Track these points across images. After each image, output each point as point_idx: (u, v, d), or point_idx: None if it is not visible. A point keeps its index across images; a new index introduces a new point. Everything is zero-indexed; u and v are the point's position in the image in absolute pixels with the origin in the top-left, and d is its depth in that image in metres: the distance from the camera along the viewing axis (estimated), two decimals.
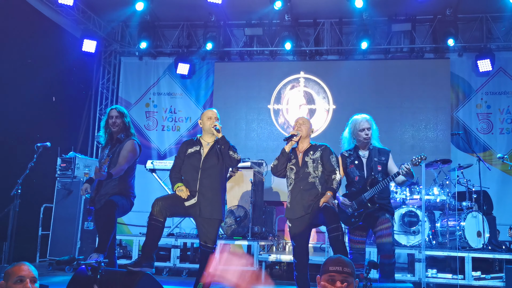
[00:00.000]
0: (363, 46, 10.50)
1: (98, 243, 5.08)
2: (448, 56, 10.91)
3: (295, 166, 5.22)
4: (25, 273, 3.11)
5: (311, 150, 5.26)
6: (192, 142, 5.37)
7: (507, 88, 10.57)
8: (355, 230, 5.28)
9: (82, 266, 3.86)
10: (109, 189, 5.25)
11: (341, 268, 2.58)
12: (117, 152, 5.30)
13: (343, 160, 5.41)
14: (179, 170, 5.26)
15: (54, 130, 9.51)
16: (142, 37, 11.24)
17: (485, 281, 7.19)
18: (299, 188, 5.13)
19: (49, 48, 9.70)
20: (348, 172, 5.36)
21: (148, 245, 4.74)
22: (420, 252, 7.24)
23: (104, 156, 5.33)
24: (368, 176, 5.24)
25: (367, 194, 5.13)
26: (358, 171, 5.30)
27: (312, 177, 5.12)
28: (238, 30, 11.43)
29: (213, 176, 5.12)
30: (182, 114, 11.75)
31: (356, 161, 5.32)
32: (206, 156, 5.20)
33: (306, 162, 5.16)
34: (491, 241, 7.71)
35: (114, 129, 5.41)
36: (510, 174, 9.81)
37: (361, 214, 5.16)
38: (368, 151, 5.39)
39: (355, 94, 10.90)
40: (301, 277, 5.06)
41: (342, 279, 2.55)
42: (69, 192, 8.66)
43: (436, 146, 10.54)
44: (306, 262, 5.08)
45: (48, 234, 8.74)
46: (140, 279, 4.19)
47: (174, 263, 7.99)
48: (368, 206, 5.12)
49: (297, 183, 5.16)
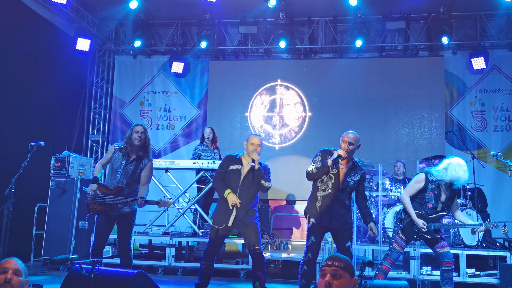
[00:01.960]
0: (357, 44, 10.52)
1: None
2: (442, 54, 10.94)
3: (335, 177, 5.42)
4: (9, 265, 3.14)
5: (353, 171, 5.48)
6: (234, 160, 5.80)
7: (501, 86, 10.61)
8: (404, 237, 5.67)
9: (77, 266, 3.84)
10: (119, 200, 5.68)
11: (332, 262, 2.62)
12: (139, 169, 5.73)
13: (425, 182, 5.63)
14: (222, 179, 5.76)
15: (48, 129, 9.48)
16: (136, 35, 11.22)
17: (480, 278, 7.22)
18: (332, 199, 5.39)
19: (43, 47, 9.65)
20: (425, 196, 5.63)
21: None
22: (415, 250, 7.26)
23: (121, 166, 5.71)
24: (442, 209, 5.64)
25: (437, 225, 5.56)
26: (434, 201, 5.61)
27: (344, 195, 5.44)
28: (233, 29, 11.42)
29: (249, 193, 5.67)
30: (177, 112, 11.74)
31: (436, 191, 5.61)
32: (245, 176, 5.68)
33: (347, 181, 5.42)
34: (486, 238, 7.75)
35: (138, 143, 5.73)
36: (504, 171, 9.82)
37: (423, 237, 5.60)
38: (448, 190, 5.66)
39: (349, 92, 10.90)
40: (310, 271, 5.36)
41: (332, 272, 2.58)
42: (63, 191, 8.61)
43: (430, 144, 10.57)
44: (316, 258, 5.45)
45: (42, 234, 8.70)
46: (134, 278, 4.18)
47: (169, 262, 7.98)
48: (435, 235, 5.57)
49: (333, 194, 5.40)
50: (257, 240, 5.63)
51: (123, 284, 4.13)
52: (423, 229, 5.51)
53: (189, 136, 11.59)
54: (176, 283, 7.26)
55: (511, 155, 10.13)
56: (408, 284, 4.02)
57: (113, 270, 4.34)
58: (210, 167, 8.18)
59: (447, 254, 5.57)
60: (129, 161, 5.71)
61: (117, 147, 5.79)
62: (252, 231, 5.62)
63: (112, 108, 11.93)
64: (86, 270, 3.69)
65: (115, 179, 5.67)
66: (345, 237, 5.38)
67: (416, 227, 5.56)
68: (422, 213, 5.58)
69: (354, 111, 10.84)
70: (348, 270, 2.61)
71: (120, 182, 5.66)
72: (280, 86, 11.31)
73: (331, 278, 2.58)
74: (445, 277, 5.59)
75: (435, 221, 5.56)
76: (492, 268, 7.53)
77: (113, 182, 5.69)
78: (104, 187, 5.70)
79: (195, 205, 8.50)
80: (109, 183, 5.73)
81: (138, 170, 5.72)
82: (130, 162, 5.71)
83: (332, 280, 2.57)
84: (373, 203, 8.40)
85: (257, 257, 5.63)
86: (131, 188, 5.71)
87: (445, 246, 5.59)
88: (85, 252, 8.26)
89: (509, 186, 9.82)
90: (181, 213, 8.48)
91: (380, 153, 10.12)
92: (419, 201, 5.66)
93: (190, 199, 8.60)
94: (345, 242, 5.36)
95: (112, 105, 11.94)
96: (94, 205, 5.67)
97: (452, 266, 5.59)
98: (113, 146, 5.86)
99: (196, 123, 11.62)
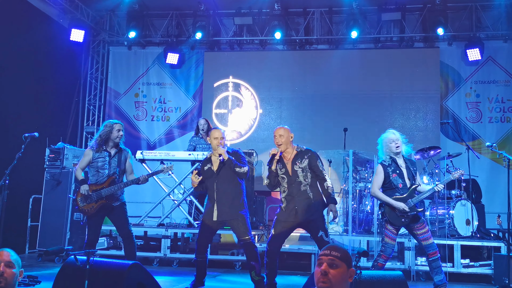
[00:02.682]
0: (353, 35, 10.49)
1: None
2: (438, 45, 10.93)
3: (286, 175, 5.53)
4: (1, 258, 3.11)
5: (299, 158, 5.53)
6: (206, 161, 5.93)
7: (496, 77, 10.61)
8: (392, 227, 5.77)
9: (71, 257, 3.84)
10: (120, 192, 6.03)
11: (329, 252, 2.62)
12: (123, 160, 6.05)
13: (384, 169, 5.83)
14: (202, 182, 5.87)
15: (42, 120, 9.44)
16: (131, 26, 11.16)
17: (474, 269, 7.26)
18: (292, 196, 5.47)
19: (36, 38, 9.58)
20: (391, 180, 5.78)
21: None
22: (409, 241, 7.29)
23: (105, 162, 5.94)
24: (411, 184, 5.78)
25: (414, 200, 5.68)
26: (401, 180, 5.78)
27: (303, 185, 5.47)
28: (228, 19, 11.37)
29: (227, 187, 5.74)
30: (172, 104, 11.70)
31: (398, 170, 5.80)
32: (218, 172, 5.76)
33: (296, 171, 5.49)
34: (480, 229, 7.78)
35: (120, 140, 6.06)
36: (499, 162, 9.83)
37: (409, 216, 5.68)
38: (406, 163, 5.88)
39: (345, 83, 10.90)
40: (271, 263, 5.50)
41: (329, 262, 2.58)
42: (58, 183, 8.59)
43: (425, 135, 10.59)
44: (278, 251, 5.59)
45: (37, 226, 8.68)
46: (130, 269, 4.17)
47: (165, 253, 7.98)
48: (416, 209, 5.70)
49: (290, 191, 5.50)
50: (245, 230, 5.68)
51: (118, 275, 4.13)
52: (405, 209, 5.62)
53: (184, 127, 11.56)
54: (172, 274, 7.26)
55: (506, 146, 10.17)
56: (403, 274, 4.04)
57: (108, 261, 4.33)
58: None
59: (431, 245, 5.71)
60: (112, 156, 5.99)
61: (94, 148, 5.98)
62: (240, 222, 5.68)
63: (107, 99, 11.87)
64: (81, 261, 3.69)
65: (103, 175, 5.91)
66: (315, 228, 5.43)
67: (398, 212, 5.67)
68: (398, 196, 5.72)
69: (349, 102, 10.84)
70: (345, 260, 2.61)
71: (111, 175, 5.93)
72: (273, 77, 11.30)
73: (327, 267, 2.57)
74: (433, 266, 5.72)
75: (410, 197, 5.70)
76: (486, 258, 7.57)
77: (102, 177, 5.92)
78: (93, 185, 5.90)
79: (190, 197, 8.49)
80: (98, 180, 5.93)
81: (123, 161, 6.04)
82: (113, 156, 5.99)
83: (328, 269, 2.56)
84: (369, 194, 8.41)
85: (248, 247, 5.68)
86: (121, 178, 6.04)
87: (429, 238, 5.72)
88: (80, 244, 8.25)
89: (503, 177, 9.76)
90: (176, 204, 8.47)
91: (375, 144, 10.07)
92: (389, 187, 5.81)
93: (186, 190, 8.59)
94: (317, 233, 5.40)
95: (106, 97, 11.89)
96: (89, 205, 5.85)
97: (438, 255, 5.72)
98: (89, 149, 6.04)
99: (191, 114, 11.59)
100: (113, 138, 5.96)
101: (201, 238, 5.85)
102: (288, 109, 11.20)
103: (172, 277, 6.99)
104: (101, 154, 5.95)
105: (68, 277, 4.16)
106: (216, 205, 5.70)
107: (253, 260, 5.63)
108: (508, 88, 10.55)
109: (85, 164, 6.02)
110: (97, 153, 5.95)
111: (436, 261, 5.69)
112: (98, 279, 3.94)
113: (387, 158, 5.87)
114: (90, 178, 6.02)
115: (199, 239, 5.86)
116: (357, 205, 8.37)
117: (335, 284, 2.55)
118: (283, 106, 11.26)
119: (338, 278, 2.56)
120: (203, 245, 5.86)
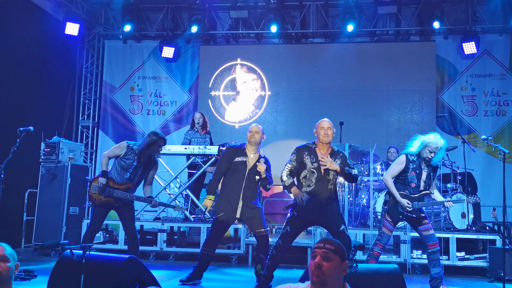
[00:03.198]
0: (349, 29, 10.47)
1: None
2: (434, 39, 10.93)
3: (317, 171, 5.29)
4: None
5: (333, 158, 5.35)
6: (238, 151, 5.85)
7: (492, 71, 10.62)
8: (391, 219, 5.76)
9: (67, 251, 3.83)
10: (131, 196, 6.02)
11: (323, 245, 2.63)
12: (148, 170, 6.06)
13: (406, 162, 5.73)
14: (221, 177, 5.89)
15: (38, 114, 9.40)
16: (126, 20, 11.11)
17: (469, 262, 7.30)
18: (317, 192, 5.27)
19: (31, 32, 9.52)
20: (407, 176, 5.72)
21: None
22: (405, 234, 7.32)
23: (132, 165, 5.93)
24: (424, 188, 5.75)
25: (421, 204, 5.65)
26: (417, 180, 5.71)
27: (330, 184, 5.34)
28: (224, 13, 11.33)
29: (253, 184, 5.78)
30: (168, 98, 11.67)
31: (418, 170, 5.71)
32: (251, 169, 5.76)
33: (328, 170, 5.29)
34: (475, 222, 7.81)
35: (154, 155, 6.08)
36: (494, 156, 9.89)
37: (408, 217, 5.67)
38: (429, 168, 5.77)
39: (341, 77, 10.91)
40: (278, 257, 5.40)
41: (323, 254, 2.59)
42: (53, 177, 8.57)
43: (421, 128, 10.56)
44: (289, 248, 5.46)
45: (33, 220, 8.67)
46: (126, 263, 4.17)
47: (161, 247, 7.98)
48: (420, 214, 5.66)
49: (318, 187, 5.28)
50: (262, 223, 5.73)
51: (114, 269, 4.13)
52: (408, 208, 5.58)
53: (180, 121, 11.53)
54: (168, 268, 7.27)
55: (501, 139, 10.19)
56: (398, 267, 4.05)
57: (104, 255, 4.33)
58: (201, 152, 8.16)
59: (431, 236, 5.66)
60: (140, 163, 5.94)
61: (131, 146, 5.93)
62: (257, 215, 5.73)
63: (102, 93, 11.83)
64: (76, 255, 3.68)
65: (125, 176, 5.91)
66: (336, 223, 5.29)
67: (401, 207, 5.64)
68: (406, 193, 5.68)
69: (345, 96, 10.85)
70: (339, 253, 2.62)
71: (131, 180, 5.94)
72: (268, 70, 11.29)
73: (321, 259, 2.58)
74: (432, 259, 5.69)
75: (418, 200, 5.66)
76: (481, 251, 7.60)
77: (122, 178, 5.91)
78: (112, 180, 5.90)
79: (186, 191, 8.48)
80: (117, 178, 5.92)
81: (147, 171, 6.06)
82: (141, 164, 5.96)
83: (322, 262, 2.57)
84: (364, 187, 8.44)
85: (262, 240, 5.71)
86: (138, 185, 6.09)
87: (430, 229, 5.69)
88: (76, 238, 8.25)
89: (499, 171, 9.82)
90: (172, 198, 8.47)
91: (372, 138, 10.11)
92: (402, 181, 5.76)
93: (182, 184, 8.58)
94: (338, 227, 5.26)
95: (102, 90, 11.84)
96: (99, 196, 5.86)
97: (438, 247, 5.70)
98: (126, 144, 5.98)
99: (187, 108, 11.56)
100: (151, 151, 5.96)
101: (214, 234, 5.82)
102: (284, 103, 11.18)
103: (168, 271, 7.00)
104: (132, 156, 5.92)
105: (64, 271, 4.16)
106: (241, 201, 5.71)
107: (264, 253, 5.64)
108: (503, 81, 10.56)
109: (114, 155, 5.97)
110: (130, 152, 5.92)
111: (435, 253, 5.66)
112: (94, 273, 3.94)
113: (415, 154, 5.73)
114: (112, 171, 5.99)
115: (213, 234, 5.82)
116: (353, 199, 8.39)
117: (329, 277, 2.56)
118: (279, 100, 11.24)
119: (331, 271, 2.57)
120: (215, 241, 5.85)
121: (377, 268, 4.00)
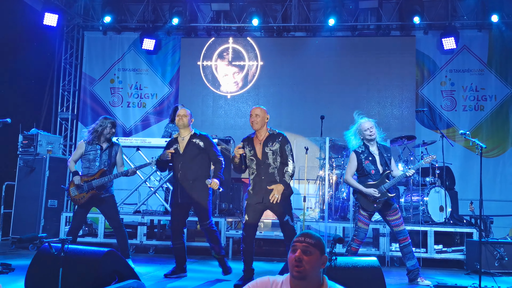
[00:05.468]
0: (330, 23, 10.50)
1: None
2: (414, 34, 11.02)
3: (255, 157, 5.49)
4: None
5: (270, 141, 5.48)
6: (171, 142, 6.01)
7: (471, 66, 10.75)
8: (365, 213, 5.89)
9: (45, 244, 3.79)
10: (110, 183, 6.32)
11: (303, 238, 2.65)
12: (113, 154, 6.35)
13: (357, 156, 5.93)
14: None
15: (15, 106, 9.27)
16: (106, 11, 11.00)
17: (447, 254, 7.40)
18: (260, 178, 5.44)
19: (8, 21, 9.35)
20: (364, 167, 5.89)
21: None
22: (384, 227, 7.39)
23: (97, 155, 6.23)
24: (384, 169, 5.88)
25: (386, 185, 5.78)
26: (374, 166, 5.89)
27: (272, 168, 5.44)
28: (205, 5, 11.27)
29: (193, 168, 5.80)
30: (148, 90, 11.59)
31: (370, 157, 5.91)
32: (184, 152, 5.84)
33: (266, 153, 5.44)
34: (453, 215, 7.92)
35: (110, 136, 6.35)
36: (472, 150, 9.98)
37: (381, 202, 5.81)
38: (379, 150, 5.97)
39: (322, 71, 10.94)
40: (248, 249, 5.52)
41: (303, 248, 2.61)
42: (31, 170, 8.46)
43: (401, 123, 10.70)
44: (254, 236, 5.58)
45: (10, 213, 8.56)
46: (105, 256, 4.15)
47: (141, 240, 7.94)
48: (388, 195, 5.79)
49: (259, 173, 5.46)
50: (205, 215, 5.80)
51: (93, 262, 4.11)
52: (375, 194, 5.74)
53: (160, 114, 11.47)
54: (148, 261, 7.24)
55: (479, 134, 10.35)
56: (377, 260, 4.09)
57: (83, 249, 4.30)
58: None
59: (402, 231, 5.86)
60: (104, 149, 6.28)
61: (86, 141, 6.28)
62: (200, 207, 5.79)
63: (82, 85, 11.70)
64: (55, 248, 3.65)
65: (94, 167, 6.21)
66: (281, 212, 5.42)
67: (370, 197, 5.80)
68: (371, 182, 5.84)
69: (326, 89, 10.90)
70: (319, 247, 2.64)
71: (102, 166, 6.22)
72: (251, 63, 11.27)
73: (301, 253, 2.60)
74: (405, 252, 5.88)
75: (383, 183, 5.81)
76: (458, 244, 7.71)
77: (94, 169, 6.21)
78: (85, 176, 6.20)
79: (166, 184, 8.44)
80: (89, 172, 6.22)
81: (113, 155, 6.36)
82: (105, 150, 6.29)
83: (302, 256, 2.59)
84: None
85: (208, 232, 5.84)
86: (111, 171, 6.32)
87: (401, 225, 5.87)
88: (54, 231, 8.17)
89: (476, 165, 9.95)
90: (152, 191, 8.43)
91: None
92: (362, 174, 5.95)
93: (162, 177, 8.54)
94: (283, 217, 5.41)
95: (81, 82, 11.70)
96: (81, 194, 6.12)
97: (409, 240, 5.88)
98: (83, 142, 6.31)
99: (167, 101, 11.49)
100: (105, 134, 6.28)
101: (173, 223, 5.91)
102: (265, 96, 11.19)
103: (148, 264, 6.95)
104: (93, 147, 6.25)
105: (42, 264, 4.13)
106: (178, 186, 5.81)
107: (214, 243, 5.84)
108: (482, 77, 10.70)
109: (78, 156, 6.29)
110: (89, 145, 6.25)
111: (407, 247, 5.85)
112: (73, 266, 3.91)
113: (360, 145, 5.97)
114: (82, 170, 6.27)
115: (172, 224, 5.92)
116: (333, 192, 8.44)
117: (309, 270, 2.58)
118: (260, 93, 11.25)
119: (312, 264, 2.59)
120: (177, 230, 5.90)
121: (356, 262, 4.03)
